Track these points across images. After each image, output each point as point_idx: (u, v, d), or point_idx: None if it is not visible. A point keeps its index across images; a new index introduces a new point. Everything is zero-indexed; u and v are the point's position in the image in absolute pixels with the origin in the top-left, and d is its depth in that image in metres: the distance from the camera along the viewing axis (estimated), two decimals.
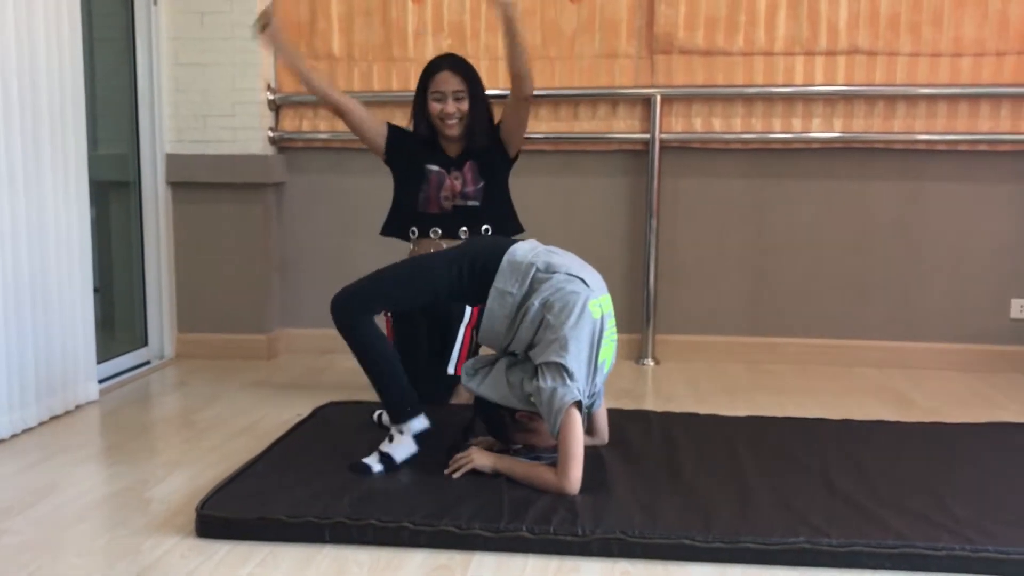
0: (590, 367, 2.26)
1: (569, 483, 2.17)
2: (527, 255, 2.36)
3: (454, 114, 3.00)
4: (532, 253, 2.37)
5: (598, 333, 2.28)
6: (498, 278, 2.33)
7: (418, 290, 2.47)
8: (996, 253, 3.72)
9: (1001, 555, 1.91)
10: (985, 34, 3.59)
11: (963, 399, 3.31)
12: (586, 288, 2.30)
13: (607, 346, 2.32)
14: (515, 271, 2.33)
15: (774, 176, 3.80)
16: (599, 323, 2.29)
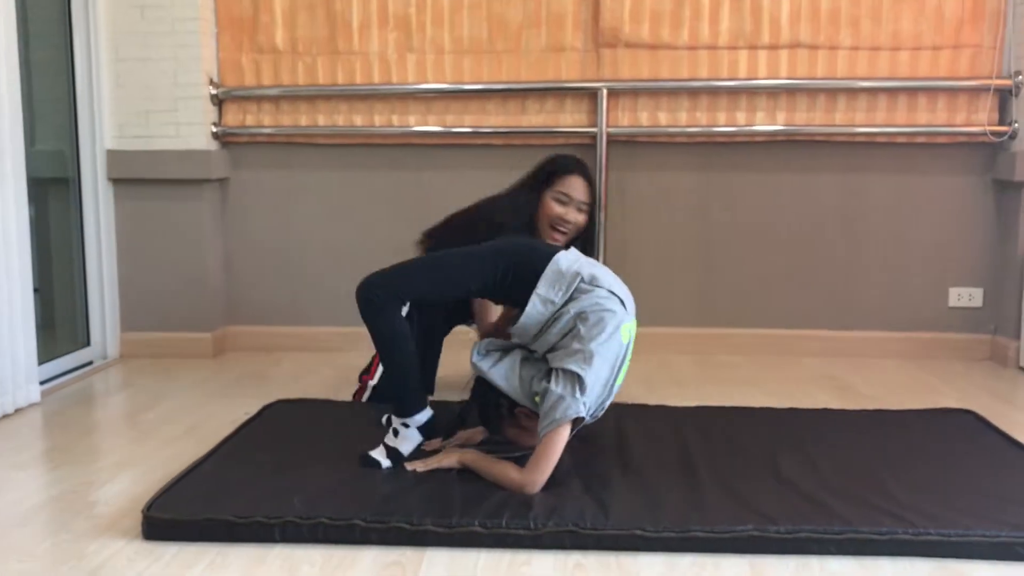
0: (604, 387, 2.26)
1: (532, 484, 2.16)
2: (572, 265, 2.33)
3: (571, 224, 2.87)
4: (576, 263, 2.34)
5: (621, 358, 2.28)
6: (542, 284, 2.30)
7: (452, 284, 2.42)
8: (935, 243, 3.80)
9: (942, 537, 1.96)
10: (922, 28, 3.67)
11: (904, 386, 3.38)
12: (622, 309, 2.30)
13: (623, 371, 2.32)
14: (560, 280, 2.30)
15: (720, 169, 3.85)
16: (625, 348, 2.29)
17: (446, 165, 3.92)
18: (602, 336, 2.22)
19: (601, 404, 2.29)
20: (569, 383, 2.19)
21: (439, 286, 2.43)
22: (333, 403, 3.03)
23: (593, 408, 2.24)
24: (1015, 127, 3.63)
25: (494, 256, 2.38)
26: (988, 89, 3.66)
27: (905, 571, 1.90)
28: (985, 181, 3.78)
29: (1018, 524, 1.99)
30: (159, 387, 3.40)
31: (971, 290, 3.84)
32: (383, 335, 2.40)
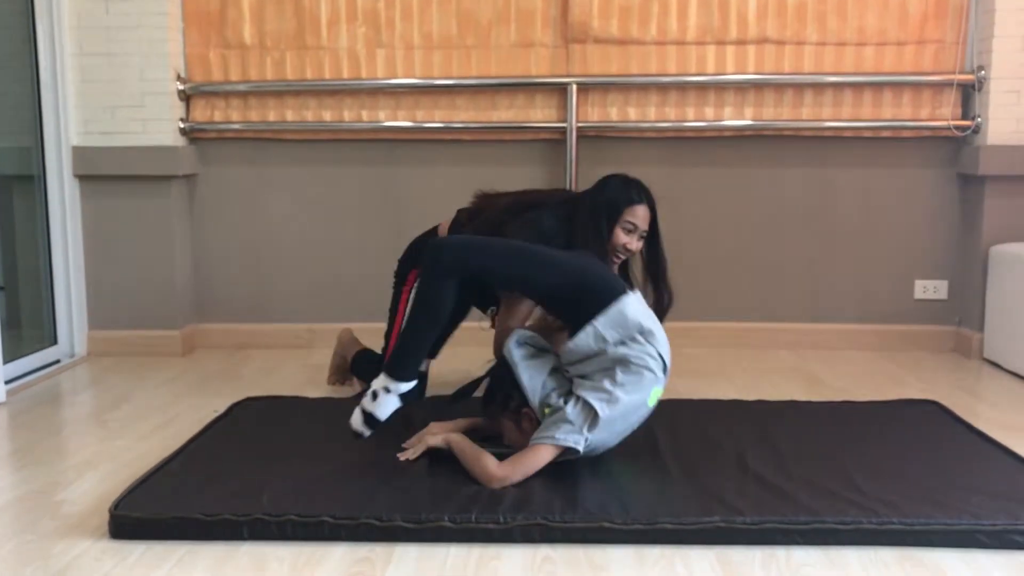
0: (612, 435, 2.27)
1: (503, 480, 2.17)
2: (636, 314, 2.33)
3: (632, 251, 2.84)
4: (641, 314, 2.35)
5: (640, 417, 2.31)
6: (602, 320, 2.29)
7: (523, 279, 2.43)
8: (901, 236, 3.85)
9: (905, 526, 1.99)
10: (886, 24, 3.71)
11: (870, 377, 3.42)
12: (661, 375, 2.33)
13: (634, 428, 2.35)
14: (621, 323, 2.30)
15: (688, 164, 3.87)
16: (647, 410, 2.32)
17: (416, 160, 3.91)
18: (634, 390, 2.25)
19: (602, 445, 2.29)
20: (584, 416, 2.22)
21: (510, 275, 2.44)
22: (302, 400, 3.02)
23: (592, 447, 2.25)
24: (978, 121, 3.68)
25: (573, 271, 2.39)
26: (951, 84, 3.71)
27: (870, 560, 1.93)
28: (949, 175, 3.83)
29: (978, 513, 2.03)
30: (127, 385, 3.37)
31: (936, 282, 3.89)
32: (427, 297, 2.38)
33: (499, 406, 2.41)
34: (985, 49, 3.65)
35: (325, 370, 3.37)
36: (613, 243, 2.76)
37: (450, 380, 2.89)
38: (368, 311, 3.95)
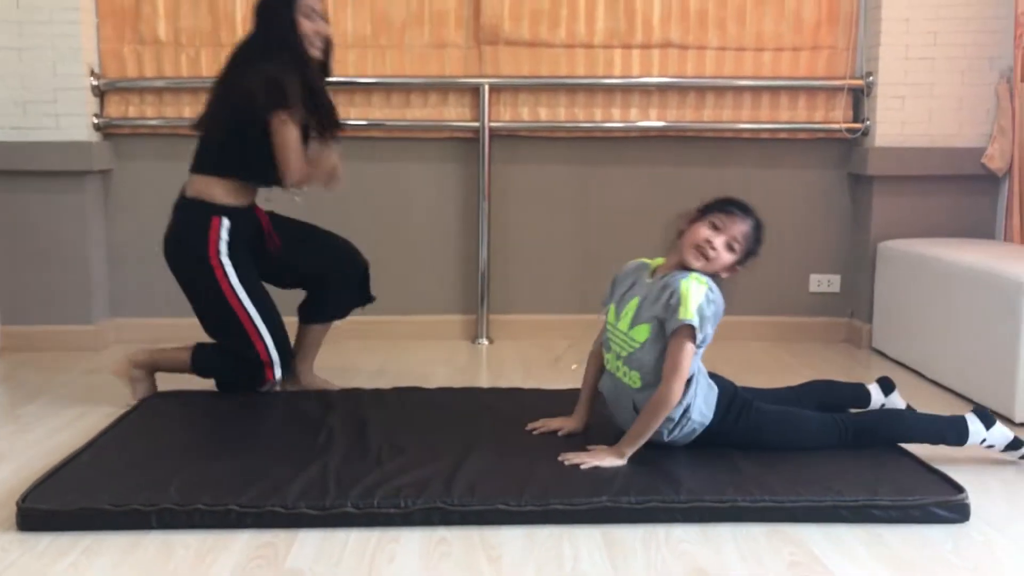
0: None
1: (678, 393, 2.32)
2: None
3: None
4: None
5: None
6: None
7: None
8: (796, 232, 4.05)
9: (775, 504, 2.16)
10: (782, 30, 3.90)
11: (763, 366, 3.61)
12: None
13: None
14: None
15: (597, 163, 4.02)
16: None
17: None
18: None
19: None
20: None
21: None
22: (211, 394, 3.06)
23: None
24: (867, 124, 3.90)
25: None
26: (843, 89, 3.92)
27: (742, 536, 2.09)
28: (841, 175, 4.05)
29: (841, 490, 2.20)
30: (40, 381, 3.38)
31: (829, 276, 4.11)
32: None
33: (756, 233, 2.49)
34: (873, 56, 3.86)
35: None
36: (303, 32, 2.88)
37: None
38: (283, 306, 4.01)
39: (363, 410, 2.81)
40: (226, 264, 2.89)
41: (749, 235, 2.45)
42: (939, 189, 3.90)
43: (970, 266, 3.21)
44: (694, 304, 2.30)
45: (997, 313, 3.01)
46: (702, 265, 2.41)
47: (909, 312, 3.62)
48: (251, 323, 2.92)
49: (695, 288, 2.33)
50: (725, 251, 2.42)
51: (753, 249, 2.48)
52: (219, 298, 2.89)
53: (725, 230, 2.42)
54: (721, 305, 2.41)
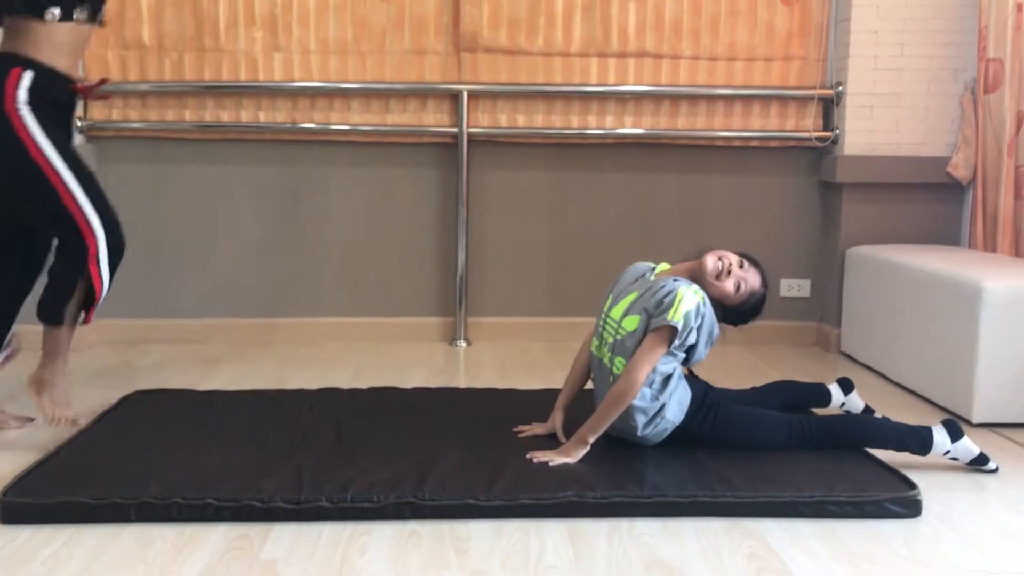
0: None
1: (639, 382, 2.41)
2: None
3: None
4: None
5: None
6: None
7: None
8: (767, 238, 4.13)
9: (736, 499, 2.24)
10: (755, 41, 3.99)
11: (732, 368, 3.70)
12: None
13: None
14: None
15: (573, 169, 4.10)
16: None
17: (311, 161, 4.05)
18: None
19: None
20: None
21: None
22: (191, 392, 3.13)
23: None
24: (836, 133, 4.00)
25: None
26: (813, 98, 4.02)
27: (703, 529, 2.16)
28: (812, 182, 4.14)
29: (800, 486, 2.28)
30: (19, 379, 3.41)
31: (800, 281, 4.20)
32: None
33: (759, 294, 2.61)
34: (843, 67, 3.96)
35: (220, 363, 3.49)
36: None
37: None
38: (262, 307, 4.09)
39: (340, 409, 2.89)
40: (26, 115, 2.55)
41: (755, 295, 2.60)
42: (906, 196, 4.00)
43: (932, 271, 3.31)
44: (684, 309, 2.40)
45: (956, 317, 3.10)
46: (711, 273, 2.53)
47: (875, 316, 3.71)
48: (62, 184, 2.60)
49: (690, 296, 2.43)
50: (732, 284, 2.54)
51: (746, 311, 2.61)
52: (23, 159, 2.56)
53: (745, 272, 2.58)
54: (713, 325, 2.50)
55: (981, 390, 3.00)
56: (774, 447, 2.54)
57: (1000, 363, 2.99)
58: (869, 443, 2.56)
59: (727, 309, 2.57)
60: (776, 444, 2.55)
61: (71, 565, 1.96)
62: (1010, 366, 2.99)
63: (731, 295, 2.54)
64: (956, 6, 3.87)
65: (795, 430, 2.56)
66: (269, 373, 3.53)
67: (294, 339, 4.06)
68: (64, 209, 2.62)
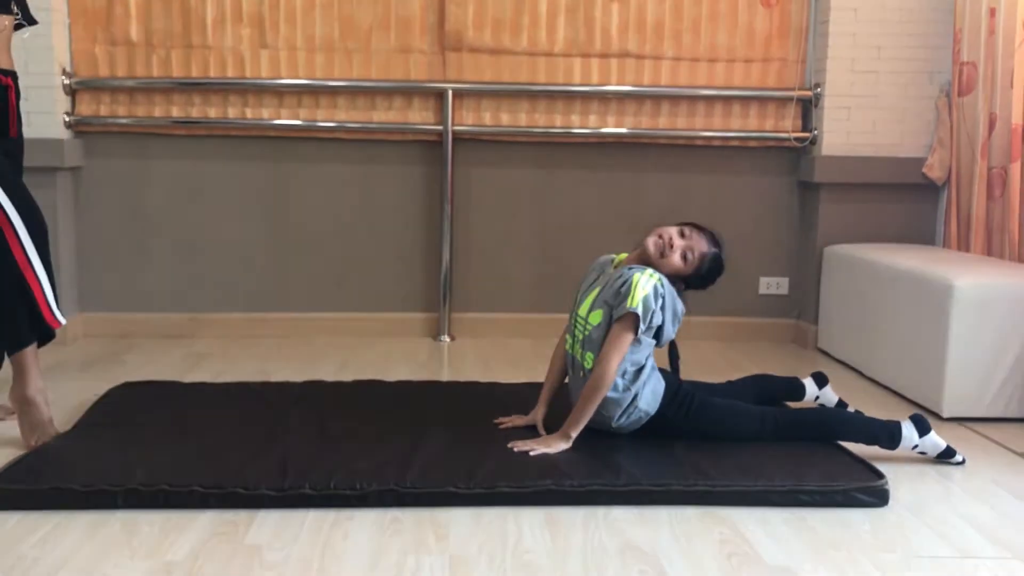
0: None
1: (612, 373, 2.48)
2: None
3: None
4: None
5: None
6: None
7: None
8: (747, 237, 4.21)
9: (709, 487, 2.31)
10: (735, 43, 4.06)
11: (711, 363, 3.77)
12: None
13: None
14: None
15: (556, 167, 4.16)
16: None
17: (297, 157, 4.09)
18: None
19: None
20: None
21: None
22: (177, 384, 3.17)
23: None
24: (814, 134, 4.07)
25: None
26: (792, 99, 4.09)
27: (676, 517, 2.23)
28: (791, 182, 4.22)
29: (772, 476, 2.35)
30: (7, 372, 3.44)
31: (778, 279, 4.28)
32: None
33: (709, 263, 2.61)
34: (821, 68, 4.04)
35: (205, 358, 3.53)
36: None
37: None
38: (249, 301, 4.14)
39: (323, 400, 2.94)
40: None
41: (706, 257, 2.61)
42: (883, 197, 4.08)
43: (904, 269, 3.39)
44: (640, 295, 2.46)
45: (927, 314, 3.18)
46: (653, 254, 2.57)
47: (851, 314, 3.79)
48: (20, 247, 2.59)
49: (645, 281, 2.48)
50: (679, 256, 2.57)
51: (704, 274, 2.63)
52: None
53: (688, 239, 2.60)
54: (675, 303, 2.56)
55: (951, 385, 3.08)
56: (747, 438, 2.61)
57: (969, 358, 3.06)
58: (840, 436, 2.63)
59: (687, 279, 2.62)
60: (749, 435, 2.61)
61: (59, 550, 2.01)
62: (979, 361, 3.07)
63: (682, 267, 2.59)
64: (932, 10, 3.95)
65: (768, 422, 2.62)
66: (254, 366, 3.57)
67: (279, 333, 4.10)
68: (23, 282, 2.57)
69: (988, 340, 3.07)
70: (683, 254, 2.58)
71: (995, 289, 3.08)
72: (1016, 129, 3.51)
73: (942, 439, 2.65)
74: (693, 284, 2.65)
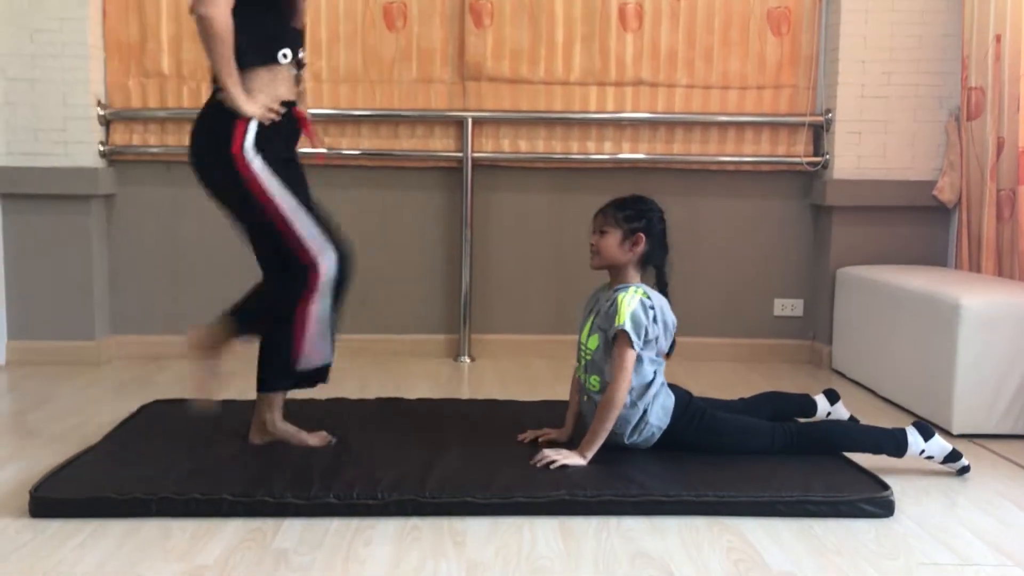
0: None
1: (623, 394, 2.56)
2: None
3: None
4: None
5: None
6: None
7: None
8: (761, 259, 4.29)
9: (717, 498, 2.38)
10: (747, 70, 4.17)
11: (730, 384, 3.82)
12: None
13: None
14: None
15: (573, 191, 4.27)
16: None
17: (323, 183, 4.19)
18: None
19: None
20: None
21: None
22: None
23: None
24: (826, 158, 4.16)
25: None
26: (804, 124, 4.18)
27: (686, 526, 2.30)
28: (803, 205, 4.30)
29: (779, 487, 2.42)
30: (45, 391, 3.60)
31: (793, 301, 4.35)
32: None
33: (619, 213, 2.69)
34: (832, 94, 4.13)
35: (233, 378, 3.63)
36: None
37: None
38: None
39: (347, 416, 3.05)
40: (251, 157, 2.60)
41: (614, 213, 2.71)
42: (894, 219, 4.15)
43: (914, 290, 3.45)
44: (627, 311, 2.57)
45: (937, 333, 3.24)
46: (596, 263, 2.73)
47: (864, 334, 3.85)
48: (286, 223, 2.67)
49: (629, 298, 2.60)
50: (601, 240, 2.71)
51: (633, 218, 2.70)
52: (247, 200, 2.66)
53: (597, 225, 2.74)
54: (665, 315, 2.66)
55: (960, 402, 3.14)
56: (757, 452, 2.68)
57: (978, 376, 3.12)
58: (847, 447, 2.70)
59: (646, 258, 2.71)
60: (759, 449, 2.68)
61: (95, 554, 2.12)
62: (987, 379, 3.13)
63: (620, 256, 2.69)
64: (939, 36, 4.04)
65: (777, 436, 2.69)
66: None
67: None
68: (288, 248, 2.69)
69: (996, 358, 3.13)
70: (600, 232, 2.72)
71: (1002, 308, 3.14)
72: (1023, 152, 3.58)
73: (947, 443, 2.71)
74: (655, 258, 2.74)
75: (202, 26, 2.51)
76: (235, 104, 2.56)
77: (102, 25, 4.07)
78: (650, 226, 2.71)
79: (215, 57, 2.55)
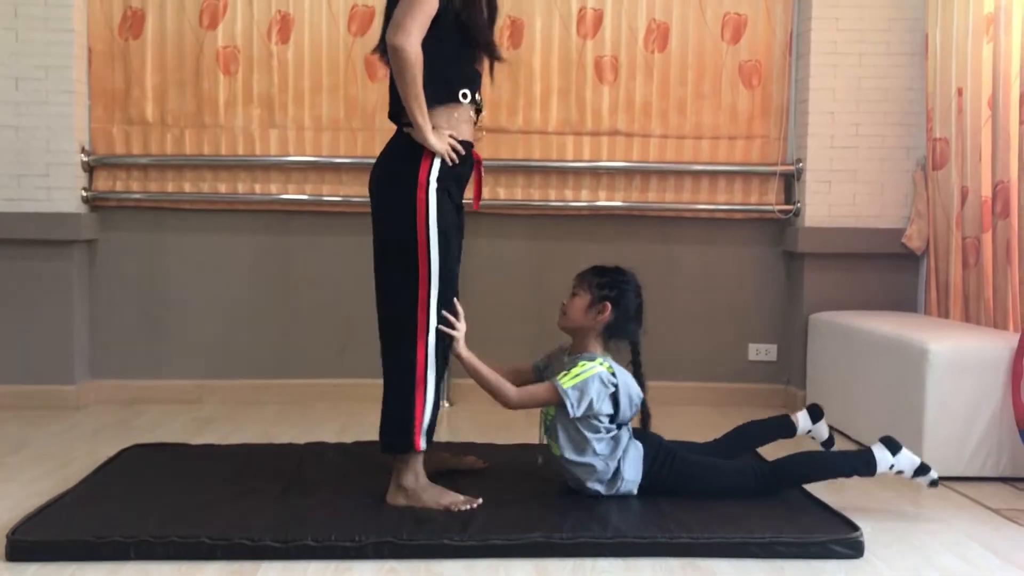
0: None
1: (518, 403, 2.73)
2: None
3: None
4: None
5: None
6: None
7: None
8: (735, 305, 4.37)
9: (691, 540, 2.42)
10: (720, 121, 4.28)
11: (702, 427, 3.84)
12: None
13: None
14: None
15: (551, 238, 4.34)
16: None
17: (304, 230, 4.28)
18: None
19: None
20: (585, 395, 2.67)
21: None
22: (185, 446, 3.30)
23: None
24: (797, 206, 4.26)
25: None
26: (775, 174, 4.29)
27: (660, 568, 2.34)
28: (776, 252, 4.39)
29: (751, 528, 2.46)
30: (23, 434, 3.59)
31: (767, 346, 4.42)
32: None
33: (593, 279, 2.73)
34: (802, 145, 4.24)
35: (212, 422, 3.66)
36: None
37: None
38: (256, 369, 4.28)
39: (326, 459, 3.07)
40: (431, 191, 2.60)
41: (589, 278, 2.78)
42: (865, 266, 4.24)
43: (884, 335, 3.53)
44: (580, 380, 2.64)
45: (906, 377, 3.31)
46: (562, 323, 2.80)
47: (837, 378, 3.92)
48: (423, 328, 2.76)
49: (591, 367, 2.66)
50: (571, 301, 2.78)
51: (605, 286, 2.75)
52: (411, 227, 2.65)
53: (573, 286, 2.82)
54: (630, 388, 2.71)
55: (929, 446, 3.19)
56: (731, 493, 2.72)
57: (946, 419, 3.19)
58: (818, 476, 2.75)
59: (611, 329, 2.75)
60: (732, 489, 2.73)
61: None
62: (955, 422, 3.19)
63: (583, 321, 2.75)
64: (905, 90, 4.18)
65: (747, 475, 2.74)
66: (259, 430, 3.70)
67: (284, 399, 4.24)
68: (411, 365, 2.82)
69: (964, 401, 3.19)
70: (572, 294, 2.78)
71: (968, 353, 3.21)
72: (986, 201, 3.70)
73: (916, 456, 2.76)
74: (625, 329, 2.76)
75: (394, 57, 2.49)
76: (423, 138, 2.56)
77: (87, 73, 4.14)
78: (620, 297, 2.75)
79: (405, 88, 2.51)
